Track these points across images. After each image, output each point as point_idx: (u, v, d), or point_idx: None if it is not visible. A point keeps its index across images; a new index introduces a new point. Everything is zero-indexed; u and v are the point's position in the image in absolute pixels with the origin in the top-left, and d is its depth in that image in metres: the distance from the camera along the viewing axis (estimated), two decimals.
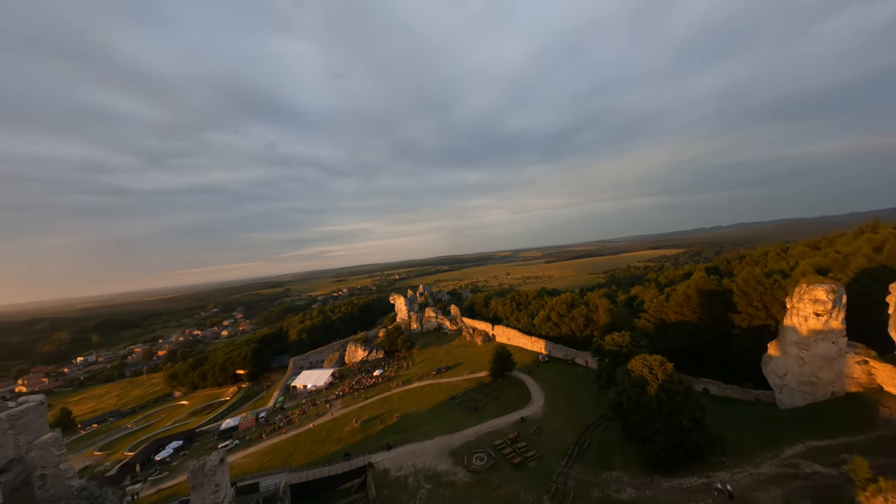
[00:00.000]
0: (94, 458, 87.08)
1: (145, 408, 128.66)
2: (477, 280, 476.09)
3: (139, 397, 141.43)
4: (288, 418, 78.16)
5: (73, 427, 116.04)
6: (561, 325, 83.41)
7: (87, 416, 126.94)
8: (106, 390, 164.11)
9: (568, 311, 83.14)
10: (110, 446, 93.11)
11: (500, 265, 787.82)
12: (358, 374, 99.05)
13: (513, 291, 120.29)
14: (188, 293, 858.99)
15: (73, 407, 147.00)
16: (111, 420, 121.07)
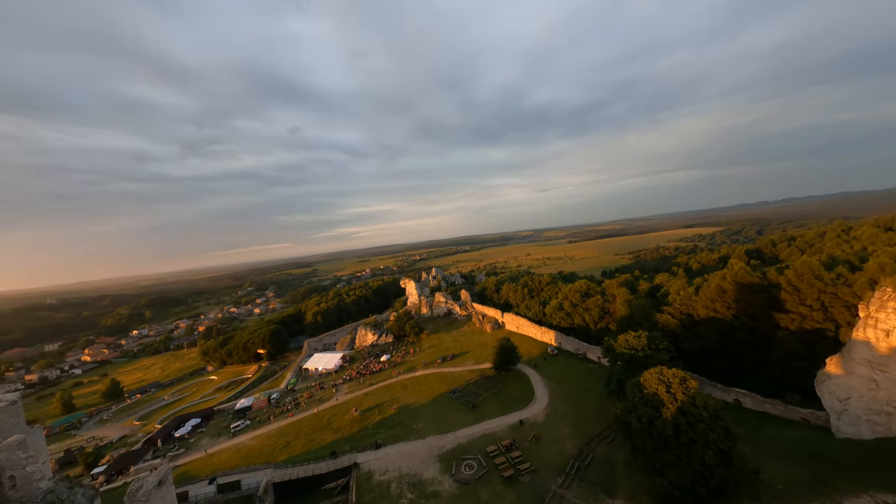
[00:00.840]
0: (131, 428, 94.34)
1: (181, 381, 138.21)
2: (496, 261, 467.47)
3: (178, 370, 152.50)
4: (296, 401, 79.07)
5: (122, 396, 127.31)
6: (574, 315, 76.35)
7: (134, 386, 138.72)
8: (153, 362, 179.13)
9: (582, 301, 75.66)
10: (147, 417, 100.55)
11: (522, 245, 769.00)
12: (366, 359, 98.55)
13: (525, 276, 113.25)
14: (228, 272, 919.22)
15: (126, 376, 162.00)
16: (153, 391, 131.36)
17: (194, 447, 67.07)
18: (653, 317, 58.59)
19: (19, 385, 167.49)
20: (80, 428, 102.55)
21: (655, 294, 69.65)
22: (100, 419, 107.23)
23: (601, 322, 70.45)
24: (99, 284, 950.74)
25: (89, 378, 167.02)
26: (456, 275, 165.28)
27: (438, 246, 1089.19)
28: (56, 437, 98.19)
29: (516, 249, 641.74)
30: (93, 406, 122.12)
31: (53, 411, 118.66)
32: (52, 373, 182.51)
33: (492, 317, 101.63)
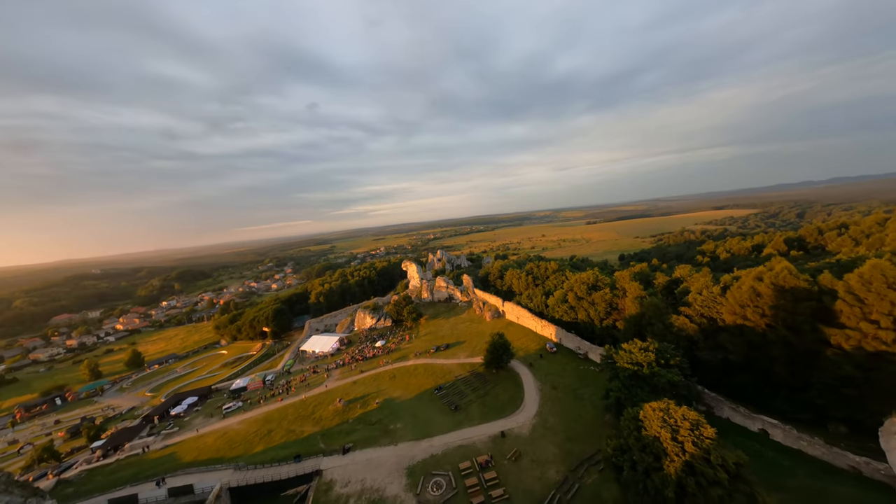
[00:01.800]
0: (142, 399, 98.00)
1: (196, 353, 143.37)
2: (510, 241, 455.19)
3: (195, 342, 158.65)
4: (288, 384, 78.02)
5: (142, 366, 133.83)
6: (578, 309, 68.68)
7: (154, 357, 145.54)
8: (175, 333, 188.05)
9: (588, 294, 67.57)
10: (157, 389, 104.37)
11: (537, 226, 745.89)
12: (363, 343, 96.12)
13: (531, 262, 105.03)
14: (253, 248, 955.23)
15: (150, 346, 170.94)
16: (170, 362, 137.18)
17: (187, 426, 67.48)
18: (667, 318, 50.25)
19: (61, 349, 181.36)
20: (102, 395, 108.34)
21: (673, 290, 60.47)
22: (119, 388, 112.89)
23: (608, 319, 62.60)
24: (138, 256, 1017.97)
25: (119, 346, 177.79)
26: (462, 257, 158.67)
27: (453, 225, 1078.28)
28: (80, 403, 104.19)
29: (532, 230, 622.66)
30: (116, 374, 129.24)
31: (82, 377, 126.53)
32: (90, 339, 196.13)
33: (492, 305, 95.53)
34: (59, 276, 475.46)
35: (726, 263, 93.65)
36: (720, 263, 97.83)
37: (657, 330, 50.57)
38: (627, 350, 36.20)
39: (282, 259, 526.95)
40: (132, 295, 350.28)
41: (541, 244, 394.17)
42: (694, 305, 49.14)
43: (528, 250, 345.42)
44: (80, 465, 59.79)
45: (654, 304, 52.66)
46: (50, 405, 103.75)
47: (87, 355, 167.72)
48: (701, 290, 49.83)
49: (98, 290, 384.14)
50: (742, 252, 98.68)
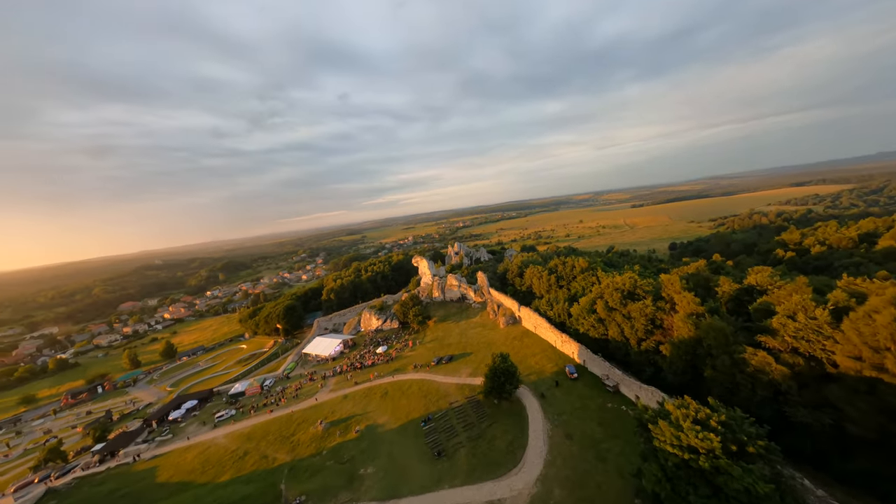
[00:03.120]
0: (160, 395, 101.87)
1: (222, 346, 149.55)
2: (542, 229, 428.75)
3: (224, 334, 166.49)
4: (283, 392, 74.39)
5: (174, 357, 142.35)
6: (609, 323, 54.83)
7: (187, 347, 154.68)
8: (210, 324, 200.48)
9: (623, 304, 53.35)
10: (178, 384, 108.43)
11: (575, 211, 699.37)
12: (365, 348, 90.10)
13: (555, 259, 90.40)
14: (292, 238, 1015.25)
15: (187, 336, 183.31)
16: (199, 353, 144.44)
17: (181, 434, 66.45)
18: (737, 351, 35.60)
19: (118, 336, 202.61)
20: (134, 385, 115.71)
21: (745, 304, 44.33)
22: (150, 379, 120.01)
23: (648, 340, 48.37)
24: (193, 248, 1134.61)
25: (162, 335, 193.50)
26: (481, 250, 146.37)
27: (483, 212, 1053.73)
28: (114, 393, 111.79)
29: (568, 215, 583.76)
30: (152, 364, 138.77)
31: (123, 365, 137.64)
32: (142, 327, 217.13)
33: (508, 308, 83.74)
34: (130, 267, 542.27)
35: (821, 261, 71.57)
36: (811, 260, 75.50)
37: (721, 366, 36.24)
38: (674, 421, 23.43)
39: (315, 250, 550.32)
40: (184, 284, 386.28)
41: (577, 231, 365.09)
42: (783, 335, 33.95)
43: (561, 238, 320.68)
44: (78, 469, 60.75)
45: (716, 328, 37.97)
46: (91, 393, 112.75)
47: (136, 343, 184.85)
48: (794, 313, 34.24)
49: (158, 279, 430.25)
50: (844, 244, 75.09)
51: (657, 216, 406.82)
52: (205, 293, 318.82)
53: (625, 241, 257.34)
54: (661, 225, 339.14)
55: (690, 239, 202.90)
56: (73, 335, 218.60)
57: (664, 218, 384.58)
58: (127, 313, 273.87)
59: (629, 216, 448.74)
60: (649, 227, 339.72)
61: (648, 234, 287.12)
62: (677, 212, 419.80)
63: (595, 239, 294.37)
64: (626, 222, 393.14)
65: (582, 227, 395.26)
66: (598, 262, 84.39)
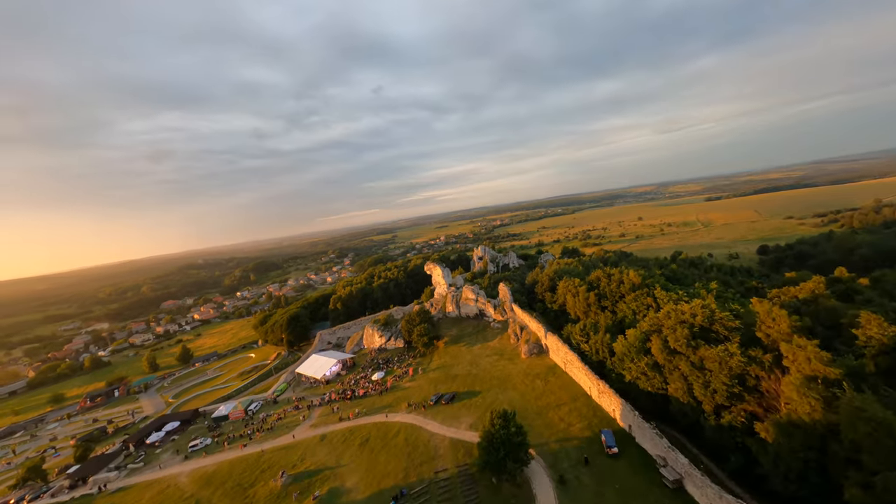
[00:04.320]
0: (158, 406, 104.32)
1: (234, 353, 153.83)
2: (592, 228, 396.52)
3: (241, 339, 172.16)
4: (263, 422, 69.63)
5: (189, 362, 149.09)
6: (670, 372, 40.47)
7: (205, 352, 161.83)
8: (231, 327, 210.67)
9: (692, 347, 38.71)
10: (180, 395, 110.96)
11: (633, 206, 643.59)
12: (363, 371, 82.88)
13: (598, 271, 74.88)
14: (326, 238, 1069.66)
15: (207, 339, 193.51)
16: (212, 359, 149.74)
17: (153, 462, 64.46)
18: None
19: (151, 336, 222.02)
20: (145, 392, 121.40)
21: None
22: (160, 386, 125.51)
23: (733, 410, 33.59)
24: (234, 247, 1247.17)
25: (187, 337, 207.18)
26: (511, 255, 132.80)
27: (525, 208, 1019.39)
28: (124, 400, 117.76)
29: (624, 211, 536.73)
30: (168, 368, 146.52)
31: (143, 368, 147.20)
32: (173, 327, 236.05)
33: (533, 333, 71.11)
34: (175, 266, 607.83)
35: None
36: None
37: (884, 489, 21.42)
38: None
39: (345, 250, 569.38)
40: (220, 284, 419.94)
41: (634, 230, 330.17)
42: None
43: (614, 239, 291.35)
44: (48, 494, 60.75)
45: (871, 418, 23.01)
46: (107, 398, 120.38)
47: (164, 344, 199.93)
48: None
49: (198, 278, 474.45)
50: None
51: (740, 211, 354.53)
52: (235, 294, 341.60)
53: (696, 243, 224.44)
54: (746, 222, 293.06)
55: (789, 240, 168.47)
56: (115, 332, 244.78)
57: (749, 213, 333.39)
58: (165, 312, 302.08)
59: (703, 211, 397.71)
60: (730, 224, 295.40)
61: (729, 234, 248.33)
62: (768, 205, 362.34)
63: (657, 240, 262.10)
64: (699, 219, 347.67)
65: (641, 226, 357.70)
66: (656, 275, 67.86)
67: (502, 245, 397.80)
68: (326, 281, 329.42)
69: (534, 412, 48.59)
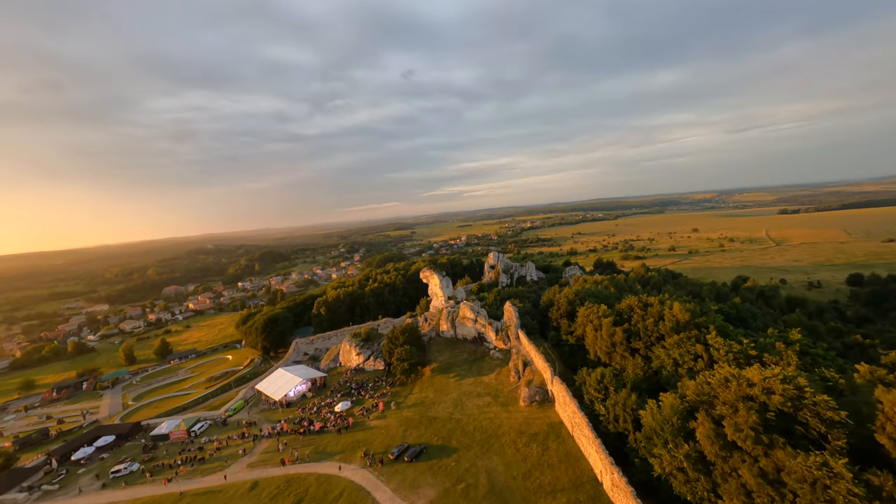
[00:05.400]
0: (112, 409, 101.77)
1: (215, 351, 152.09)
2: (636, 237, 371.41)
3: (226, 336, 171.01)
4: (200, 450, 63.14)
5: (166, 357, 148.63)
6: (724, 478, 28.49)
7: (183, 348, 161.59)
8: (222, 321, 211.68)
9: (762, 445, 26.59)
10: (142, 397, 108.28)
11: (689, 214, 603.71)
12: (331, 396, 74.79)
13: (632, 298, 61.96)
14: (340, 230, 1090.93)
15: (193, 333, 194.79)
16: (191, 357, 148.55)
17: (72, 484, 59.56)
18: None
19: (140, 323, 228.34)
20: (111, 388, 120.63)
21: None
22: (128, 383, 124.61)
23: None
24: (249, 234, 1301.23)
25: (177, 327, 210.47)
26: (529, 265, 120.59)
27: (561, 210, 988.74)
28: (90, 395, 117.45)
29: (677, 220, 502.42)
30: (144, 363, 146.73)
31: (119, 360, 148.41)
32: (166, 315, 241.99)
33: (538, 372, 60.09)
34: (185, 250, 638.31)
35: None
36: None
37: None
38: None
39: (357, 244, 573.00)
40: (224, 272, 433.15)
41: (687, 243, 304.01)
42: None
43: (662, 252, 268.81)
44: None
45: None
46: (74, 391, 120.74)
47: (151, 333, 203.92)
48: None
49: (204, 264, 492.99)
50: None
51: (824, 228, 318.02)
52: (237, 284, 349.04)
53: (765, 265, 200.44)
54: (832, 242, 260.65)
55: (892, 269, 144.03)
56: (109, 316, 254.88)
57: (836, 232, 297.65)
58: (165, 298, 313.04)
59: (775, 226, 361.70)
60: (810, 244, 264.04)
61: (808, 256, 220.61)
62: (861, 223, 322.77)
63: (715, 257, 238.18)
64: (770, 235, 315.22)
65: (696, 239, 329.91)
66: (710, 312, 54.32)
67: (529, 250, 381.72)
68: (331, 277, 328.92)
69: (519, 498, 37.84)
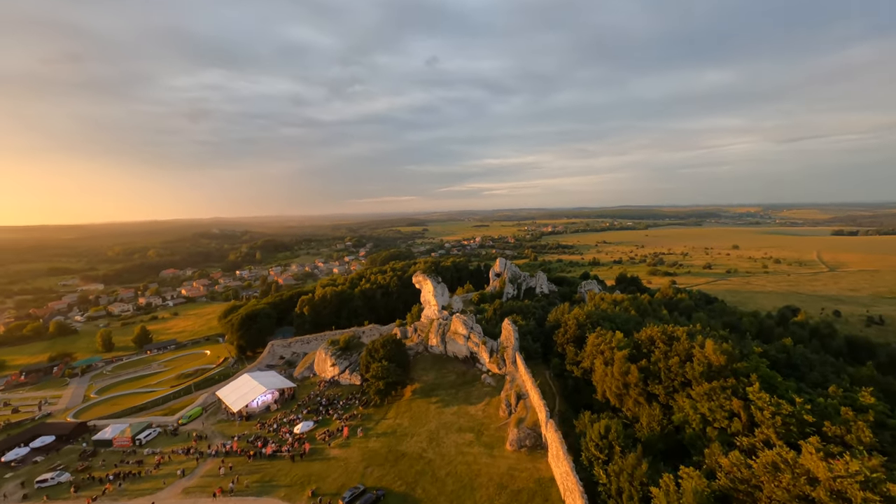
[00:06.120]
0: (71, 400, 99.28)
1: (196, 344, 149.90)
2: (668, 250, 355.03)
3: (211, 328, 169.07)
4: (140, 464, 58.38)
5: (144, 346, 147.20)
6: None
7: (165, 337, 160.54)
8: (212, 310, 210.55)
9: None
10: (106, 390, 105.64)
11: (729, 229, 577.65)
12: (293, 413, 69.11)
13: (655, 327, 53.53)
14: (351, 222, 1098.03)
15: (180, 322, 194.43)
16: (170, 348, 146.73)
17: None
18: None
19: (129, 307, 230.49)
20: (80, 377, 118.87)
21: None
22: (99, 372, 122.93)
23: None
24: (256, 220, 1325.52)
25: (164, 314, 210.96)
26: (540, 276, 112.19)
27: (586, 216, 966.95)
28: (56, 382, 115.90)
29: (716, 235, 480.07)
30: (121, 350, 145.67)
31: (96, 346, 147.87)
32: (156, 300, 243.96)
33: (533, 409, 52.84)
34: (190, 233, 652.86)
35: None
36: None
37: None
38: None
39: (364, 238, 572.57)
40: (224, 259, 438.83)
41: (726, 262, 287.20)
42: None
43: (696, 270, 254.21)
44: None
45: None
46: (43, 375, 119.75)
47: (139, 318, 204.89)
48: None
49: (207, 249, 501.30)
50: None
51: (887, 254, 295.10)
52: (235, 272, 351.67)
53: (816, 293, 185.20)
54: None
55: None
56: (101, 296, 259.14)
57: None
58: (160, 281, 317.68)
59: (829, 248, 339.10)
60: (870, 271, 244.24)
61: (868, 285, 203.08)
62: None
63: (757, 279, 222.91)
64: (823, 258, 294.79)
65: (736, 257, 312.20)
66: (753, 355, 45.47)
67: (547, 257, 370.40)
68: (332, 272, 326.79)
69: None
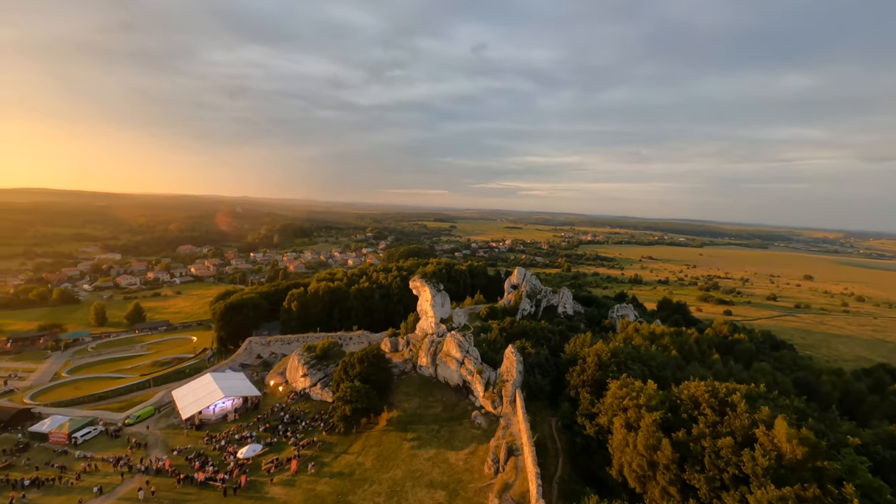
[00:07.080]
0: (45, 378, 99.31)
1: (187, 327, 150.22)
2: (725, 274, 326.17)
3: (206, 312, 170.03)
4: (62, 469, 53.92)
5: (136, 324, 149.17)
6: None
7: (160, 317, 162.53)
8: (215, 292, 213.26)
9: None
10: (81, 369, 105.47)
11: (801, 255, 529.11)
12: (249, 429, 62.90)
13: (701, 383, 41.99)
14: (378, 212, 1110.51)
15: (180, 301, 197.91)
16: (161, 329, 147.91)
17: None
18: None
19: (137, 280, 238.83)
20: (63, 351, 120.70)
21: None
22: (84, 347, 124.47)
23: None
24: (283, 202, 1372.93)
25: (168, 292, 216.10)
26: (564, 293, 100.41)
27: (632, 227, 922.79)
28: (38, 354, 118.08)
29: (785, 261, 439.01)
30: (113, 326, 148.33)
31: (89, 320, 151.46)
32: (164, 276, 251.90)
33: (523, 473, 43.19)
34: (214, 209, 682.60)
35: None
36: None
37: None
38: None
39: (386, 230, 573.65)
40: (242, 240, 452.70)
41: (796, 294, 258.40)
42: None
43: (757, 301, 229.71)
44: None
45: None
46: (28, 344, 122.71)
47: (142, 293, 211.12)
48: None
49: (227, 227, 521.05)
50: None
51: None
52: (249, 254, 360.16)
53: None
54: None
55: None
56: (113, 267, 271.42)
57: None
58: (173, 257, 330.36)
59: None
60: None
61: None
62: None
63: (834, 319, 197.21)
64: None
65: (809, 289, 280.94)
66: (849, 451, 33.17)
67: (582, 268, 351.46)
68: (347, 263, 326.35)
69: None
